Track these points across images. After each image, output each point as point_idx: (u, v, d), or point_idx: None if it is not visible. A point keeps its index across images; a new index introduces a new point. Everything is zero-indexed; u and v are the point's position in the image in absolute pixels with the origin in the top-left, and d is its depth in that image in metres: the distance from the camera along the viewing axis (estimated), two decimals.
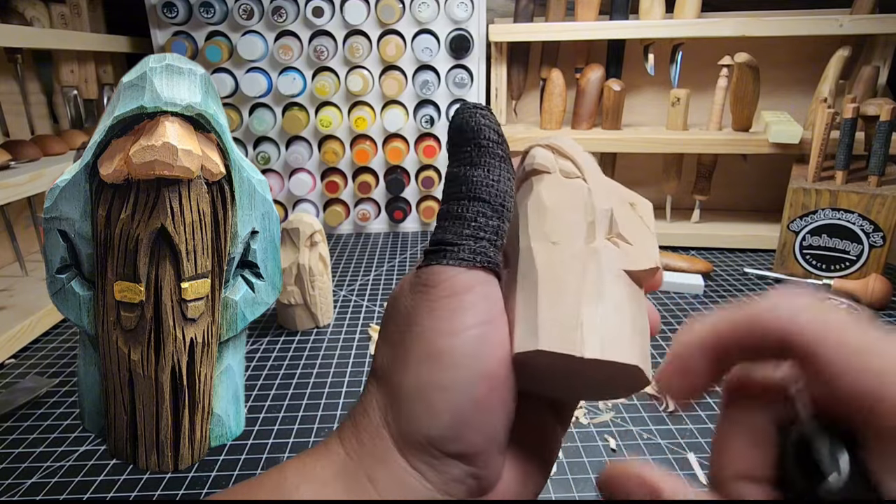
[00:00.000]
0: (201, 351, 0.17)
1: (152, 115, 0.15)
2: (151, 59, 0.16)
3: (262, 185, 0.18)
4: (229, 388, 0.20)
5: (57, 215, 0.16)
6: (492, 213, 0.21)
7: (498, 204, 0.21)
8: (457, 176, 0.22)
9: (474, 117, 0.22)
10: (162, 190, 0.16)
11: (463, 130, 0.22)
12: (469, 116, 0.22)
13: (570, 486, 0.47)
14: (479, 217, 0.21)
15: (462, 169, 0.22)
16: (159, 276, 0.16)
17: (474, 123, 0.22)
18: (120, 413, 0.17)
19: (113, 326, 0.16)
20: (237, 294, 0.18)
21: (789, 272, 0.86)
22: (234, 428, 0.18)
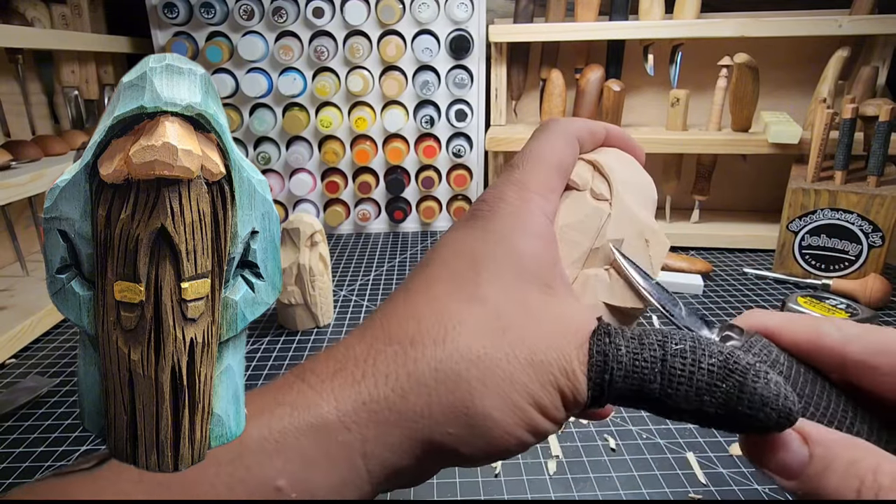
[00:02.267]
0: (201, 351, 0.17)
1: (152, 115, 0.16)
2: (151, 59, 0.16)
3: (263, 185, 0.18)
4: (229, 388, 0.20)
5: (57, 215, 0.16)
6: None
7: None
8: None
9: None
10: (162, 190, 0.16)
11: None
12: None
13: (569, 485, 0.47)
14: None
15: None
16: (159, 276, 0.16)
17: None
18: (120, 413, 0.17)
19: (113, 326, 0.17)
20: (237, 294, 0.18)
21: (788, 272, 0.86)
22: (234, 428, 0.18)
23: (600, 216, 0.23)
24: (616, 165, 0.25)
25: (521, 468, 0.49)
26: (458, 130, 1.09)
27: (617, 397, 0.20)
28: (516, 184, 0.23)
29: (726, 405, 0.19)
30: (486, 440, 0.20)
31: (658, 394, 0.19)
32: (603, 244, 0.23)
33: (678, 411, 0.19)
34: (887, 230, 0.78)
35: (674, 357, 0.19)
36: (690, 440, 0.52)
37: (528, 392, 0.20)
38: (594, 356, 0.20)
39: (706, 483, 0.47)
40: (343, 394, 0.20)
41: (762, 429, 0.19)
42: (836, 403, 0.20)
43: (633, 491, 0.46)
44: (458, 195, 1.16)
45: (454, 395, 0.20)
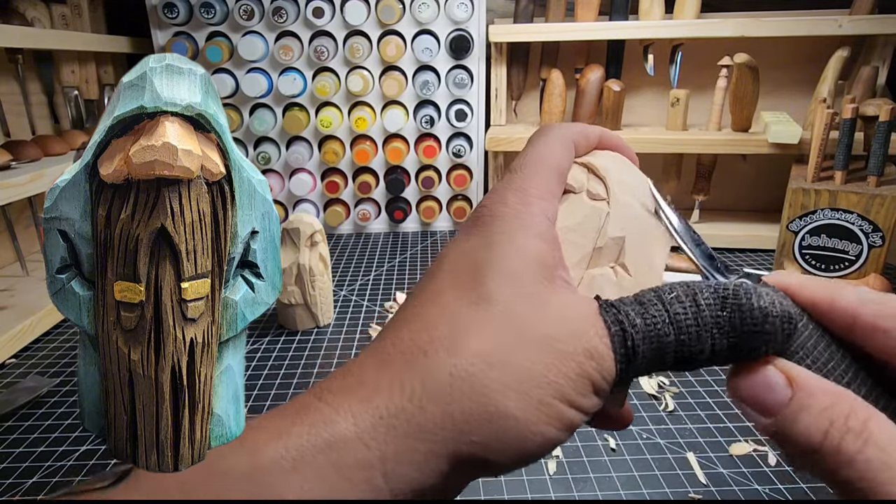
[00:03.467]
0: (201, 351, 0.17)
1: (152, 115, 0.16)
2: (151, 59, 0.16)
3: (263, 185, 0.18)
4: (229, 388, 0.21)
5: (57, 215, 0.16)
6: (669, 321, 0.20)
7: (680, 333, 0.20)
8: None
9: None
10: (162, 190, 0.16)
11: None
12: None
13: (569, 485, 0.47)
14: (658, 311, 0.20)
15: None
16: (159, 276, 0.16)
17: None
18: (120, 413, 0.17)
19: (113, 326, 0.17)
20: (237, 294, 0.18)
21: None
22: (234, 428, 0.18)
23: (599, 216, 0.23)
24: (611, 166, 0.25)
25: (522, 468, 0.49)
26: (458, 130, 1.09)
27: (640, 367, 0.20)
28: (517, 188, 0.23)
29: (734, 330, 0.19)
30: (513, 444, 0.19)
31: (675, 346, 0.19)
32: (605, 243, 0.23)
33: (697, 357, 0.20)
34: (887, 230, 0.78)
35: (672, 304, 0.20)
36: (690, 440, 0.52)
37: (552, 385, 0.19)
38: (612, 328, 0.20)
39: (706, 483, 0.47)
40: (359, 409, 0.20)
41: (775, 343, 0.19)
42: (839, 362, 0.20)
43: (633, 491, 0.46)
44: (458, 195, 1.16)
45: (473, 400, 0.19)
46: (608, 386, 0.20)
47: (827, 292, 0.20)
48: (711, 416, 0.55)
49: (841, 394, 0.18)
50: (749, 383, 0.19)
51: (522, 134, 1.02)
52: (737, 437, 0.52)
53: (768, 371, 0.19)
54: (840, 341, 0.20)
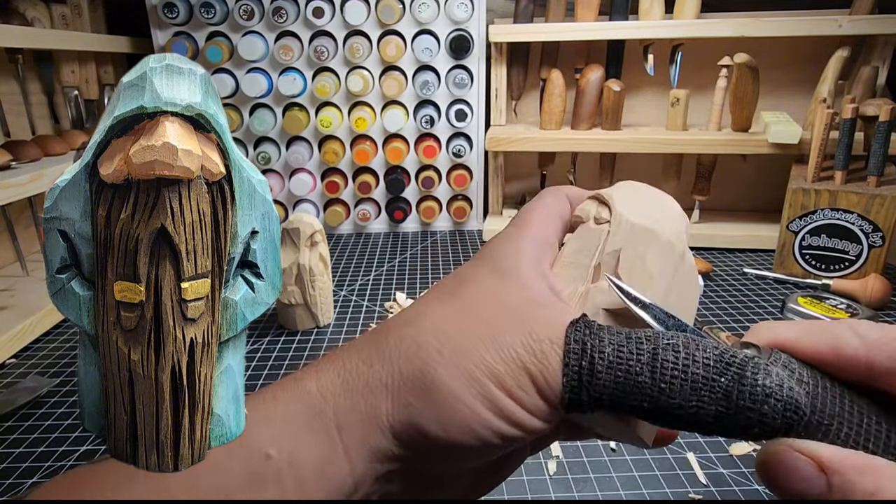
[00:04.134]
0: (201, 351, 0.17)
1: (152, 115, 0.16)
2: (151, 58, 0.16)
3: (263, 185, 0.18)
4: (229, 388, 0.21)
5: (57, 215, 0.16)
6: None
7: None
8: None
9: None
10: (162, 190, 0.16)
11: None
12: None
13: (569, 485, 0.47)
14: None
15: None
16: (159, 276, 0.16)
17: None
18: (120, 413, 0.17)
19: (113, 326, 0.17)
20: (237, 294, 0.18)
21: (789, 272, 0.86)
22: (234, 428, 0.18)
23: (600, 236, 0.24)
24: (618, 189, 0.26)
25: (522, 468, 0.49)
26: (458, 130, 1.09)
27: (602, 395, 0.19)
28: (510, 227, 0.25)
29: (727, 400, 0.18)
30: (444, 414, 0.20)
31: (649, 389, 0.18)
32: (604, 259, 0.23)
33: (675, 414, 0.18)
34: (887, 230, 0.78)
35: (665, 350, 0.18)
36: (690, 440, 0.52)
37: (487, 366, 0.20)
38: (571, 343, 0.19)
39: (706, 483, 0.47)
40: (324, 370, 0.22)
41: (769, 429, 0.18)
42: (869, 418, 0.18)
43: (633, 491, 0.46)
44: (458, 195, 1.16)
45: (412, 364, 0.21)
46: (554, 393, 0.19)
47: (828, 342, 0.19)
48: None
49: (880, 472, 0.17)
50: (780, 476, 0.18)
51: (522, 134, 1.02)
52: (737, 438, 0.52)
53: (792, 458, 0.18)
54: (853, 387, 0.19)
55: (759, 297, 0.81)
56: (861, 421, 0.18)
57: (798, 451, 0.18)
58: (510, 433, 0.20)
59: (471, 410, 0.20)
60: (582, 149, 1.02)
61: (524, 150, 1.03)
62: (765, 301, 0.79)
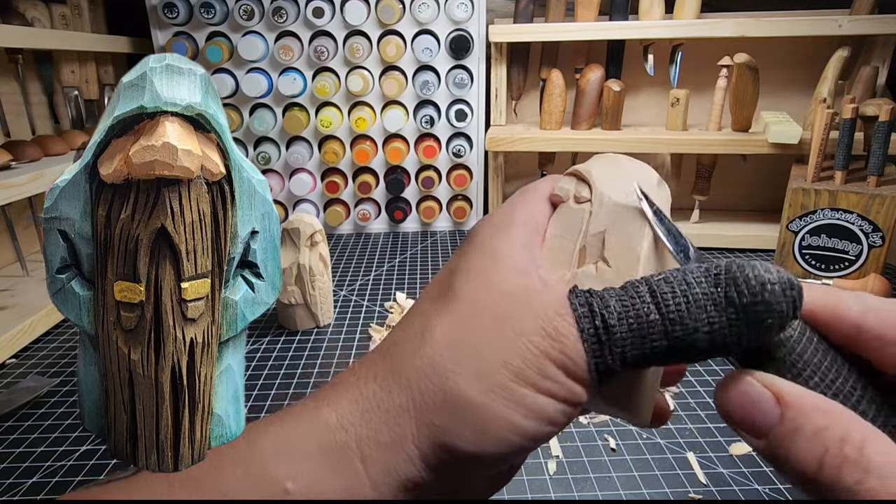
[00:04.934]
0: (201, 351, 0.17)
1: (152, 115, 0.16)
2: (151, 59, 0.16)
3: (263, 185, 0.18)
4: (229, 388, 0.21)
5: (57, 215, 0.16)
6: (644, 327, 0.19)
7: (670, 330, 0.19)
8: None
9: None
10: (162, 190, 0.16)
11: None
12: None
13: (569, 485, 0.47)
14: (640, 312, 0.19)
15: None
16: (159, 276, 0.16)
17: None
18: (120, 413, 0.17)
19: (113, 326, 0.17)
20: (237, 294, 0.18)
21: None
22: (234, 428, 0.18)
23: (582, 217, 0.23)
24: (596, 165, 0.25)
25: (522, 468, 0.49)
26: (458, 130, 1.09)
27: (624, 348, 0.19)
28: (501, 210, 0.25)
29: (731, 305, 0.18)
30: (473, 427, 0.19)
31: (663, 326, 0.18)
32: (588, 241, 0.23)
33: (693, 340, 0.18)
34: (887, 230, 0.78)
35: (659, 284, 0.19)
36: (690, 440, 0.52)
37: (508, 367, 0.19)
38: (577, 308, 0.19)
39: (706, 483, 0.47)
40: (341, 398, 0.21)
41: (779, 313, 0.18)
42: (846, 378, 0.19)
43: (633, 491, 0.46)
44: (458, 195, 1.16)
45: (433, 382, 0.20)
46: (581, 369, 0.19)
47: (828, 300, 0.19)
48: (711, 416, 0.55)
49: (836, 413, 0.17)
50: (734, 399, 0.18)
51: (522, 134, 1.02)
52: (737, 437, 0.52)
53: (752, 386, 0.18)
54: (843, 352, 0.19)
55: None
56: (836, 378, 0.19)
57: (761, 381, 0.18)
58: (545, 431, 0.19)
59: (503, 419, 0.19)
60: (582, 149, 1.02)
61: (524, 150, 1.03)
62: None
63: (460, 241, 1.09)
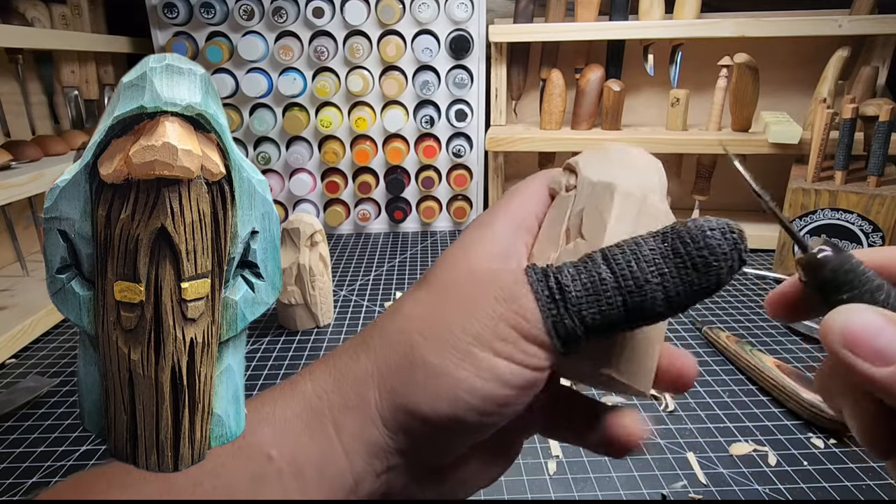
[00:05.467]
0: (201, 351, 0.17)
1: (152, 115, 0.16)
2: (151, 58, 0.16)
3: (263, 185, 0.18)
4: (229, 388, 0.21)
5: (57, 215, 0.16)
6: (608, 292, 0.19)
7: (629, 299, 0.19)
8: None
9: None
10: (162, 190, 0.16)
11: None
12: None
13: (569, 485, 0.47)
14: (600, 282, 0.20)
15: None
16: (159, 276, 0.16)
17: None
18: (120, 413, 0.17)
19: (113, 326, 0.17)
20: (237, 294, 0.18)
21: (789, 272, 0.86)
22: (234, 428, 0.18)
23: (569, 202, 0.25)
24: (584, 154, 0.26)
25: (521, 468, 0.49)
26: (458, 130, 1.09)
27: (581, 308, 0.19)
28: (490, 208, 0.26)
29: (677, 256, 0.19)
30: (429, 388, 0.20)
31: (614, 283, 0.19)
32: (572, 222, 0.24)
33: (649, 298, 0.19)
34: (887, 230, 0.78)
35: (610, 250, 0.20)
36: (690, 440, 0.52)
37: (468, 332, 0.20)
38: (532, 276, 0.20)
39: (706, 483, 0.47)
40: (318, 370, 0.23)
41: (724, 258, 0.19)
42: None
43: (633, 491, 0.46)
44: (458, 195, 1.16)
45: (397, 351, 0.21)
46: (538, 330, 0.20)
47: (887, 254, 0.21)
48: (711, 416, 0.55)
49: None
50: (852, 327, 0.18)
51: (522, 134, 1.02)
52: (737, 437, 0.52)
53: (865, 312, 0.18)
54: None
55: (759, 298, 0.81)
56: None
57: (871, 309, 0.18)
58: (501, 393, 0.20)
59: (455, 378, 0.20)
60: (582, 149, 1.02)
61: (524, 150, 1.03)
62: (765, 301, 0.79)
63: None
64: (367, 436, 0.21)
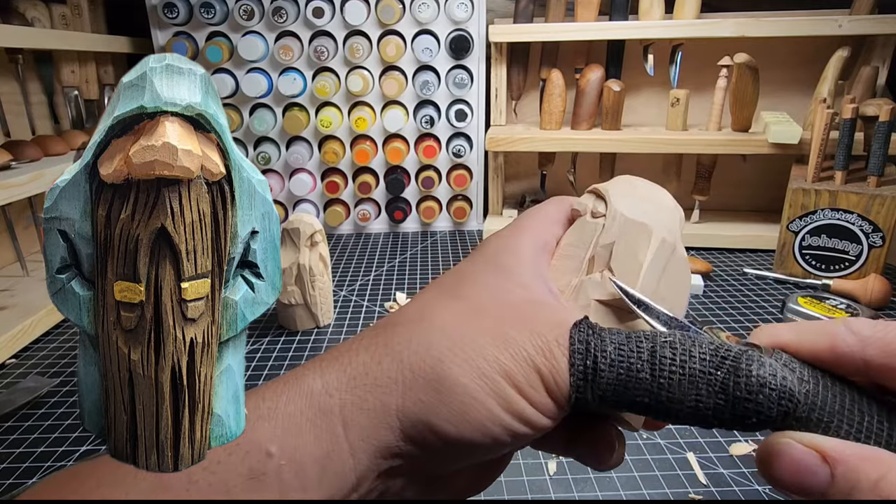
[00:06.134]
0: (201, 351, 0.17)
1: (152, 115, 0.16)
2: (151, 58, 0.16)
3: (263, 185, 0.18)
4: (229, 388, 0.21)
5: (57, 215, 0.16)
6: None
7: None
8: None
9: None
10: (162, 190, 0.16)
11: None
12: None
13: (569, 486, 0.47)
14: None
15: None
16: (159, 276, 0.16)
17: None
18: (120, 413, 0.17)
19: (113, 326, 0.16)
20: (237, 294, 0.18)
21: (789, 272, 0.86)
22: (234, 428, 0.18)
23: (596, 228, 0.25)
24: (614, 184, 0.26)
25: (522, 468, 0.49)
26: (458, 130, 1.09)
27: (606, 392, 0.19)
28: (510, 227, 0.26)
29: (724, 393, 0.18)
30: (456, 410, 0.20)
31: (649, 385, 0.19)
32: (598, 252, 0.24)
33: (675, 409, 0.19)
34: (887, 230, 0.78)
35: (663, 347, 0.19)
36: (690, 440, 0.52)
37: (499, 364, 0.20)
38: (575, 343, 0.20)
39: (706, 483, 0.47)
40: (328, 367, 0.22)
41: (765, 418, 0.18)
42: (870, 415, 0.19)
43: (633, 491, 0.46)
44: (458, 195, 1.16)
45: (424, 361, 0.21)
46: (562, 395, 0.20)
47: (825, 341, 0.20)
48: None
49: (883, 461, 0.17)
50: (780, 465, 0.18)
51: (522, 134, 1.02)
52: (737, 438, 0.52)
53: (795, 448, 0.18)
54: (853, 383, 0.19)
55: (759, 298, 0.81)
56: (862, 419, 0.19)
57: (800, 442, 0.18)
58: (520, 430, 0.20)
59: (484, 408, 0.20)
60: (582, 149, 1.02)
61: (524, 150, 1.03)
62: (765, 301, 0.79)
63: (460, 241, 1.09)
64: (379, 438, 0.21)
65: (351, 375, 0.21)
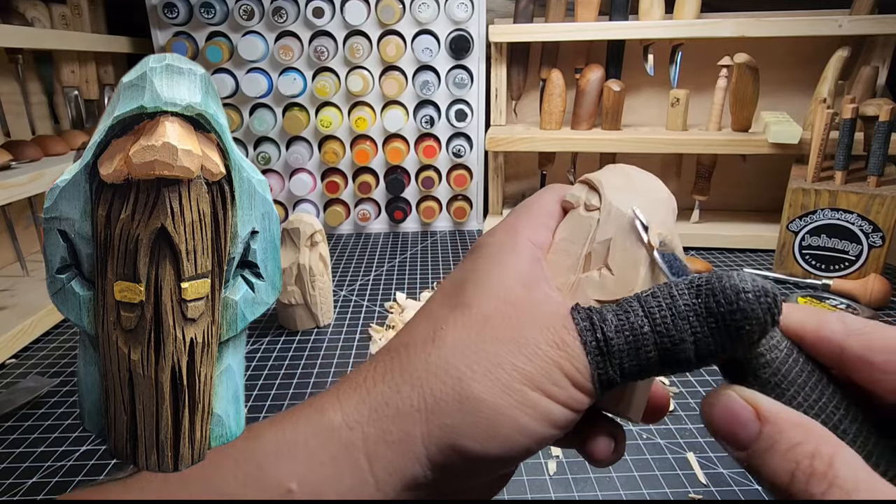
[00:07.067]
0: (201, 351, 0.17)
1: (152, 115, 0.16)
2: (151, 58, 0.16)
3: (263, 185, 0.18)
4: (229, 388, 0.21)
5: (57, 215, 0.16)
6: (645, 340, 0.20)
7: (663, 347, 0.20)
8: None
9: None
10: (162, 190, 0.16)
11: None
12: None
13: (569, 485, 0.47)
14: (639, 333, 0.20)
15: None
16: (159, 276, 0.16)
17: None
18: (120, 413, 0.17)
19: (113, 326, 0.16)
20: (237, 294, 0.18)
21: (789, 272, 0.86)
22: (234, 428, 0.18)
23: (591, 224, 0.24)
24: (607, 175, 0.26)
25: (522, 468, 0.49)
26: (458, 130, 1.09)
27: (623, 360, 0.20)
28: (506, 224, 0.26)
29: (710, 314, 0.19)
30: (484, 428, 0.19)
31: (653, 338, 0.20)
32: (594, 248, 0.24)
33: (681, 351, 0.19)
34: (887, 230, 0.78)
35: (647, 300, 0.20)
36: (690, 440, 0.52)
37: (519, 371, 0.20)
38: (580, 322, 0.20)
39: (706, 483, 0.47)
40: (346, 398, 0.21)
41: (756, 321, 0.19)
42: (829, 398, 0.19)
43: (633, 491, 0.46)
44: (458, 195, 1.16)
45: (445, 383, 0.20)
46: (585, 379, 0.20)
47: (813, 320, 0.20)
48: None
49: (810, 429, 0.18)
50: (717, 412, 0.19)
51: (522, 134, 1.02)
52: None
53: (734, 400, 0.19)
54: (828, 371, 0.20)
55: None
56: (819, 398, 0.19)
57: (741, 396, 0.19)
58: (549, 434, 0.20)
59: (513, 421, 0.19)
60: (582, 149, 1.02)
61: (524, 150, 1.03)
62: None
63: (460, 241, 1.09)
64: (407, 470, 0.20)
65: (371, 407, 0.21)
